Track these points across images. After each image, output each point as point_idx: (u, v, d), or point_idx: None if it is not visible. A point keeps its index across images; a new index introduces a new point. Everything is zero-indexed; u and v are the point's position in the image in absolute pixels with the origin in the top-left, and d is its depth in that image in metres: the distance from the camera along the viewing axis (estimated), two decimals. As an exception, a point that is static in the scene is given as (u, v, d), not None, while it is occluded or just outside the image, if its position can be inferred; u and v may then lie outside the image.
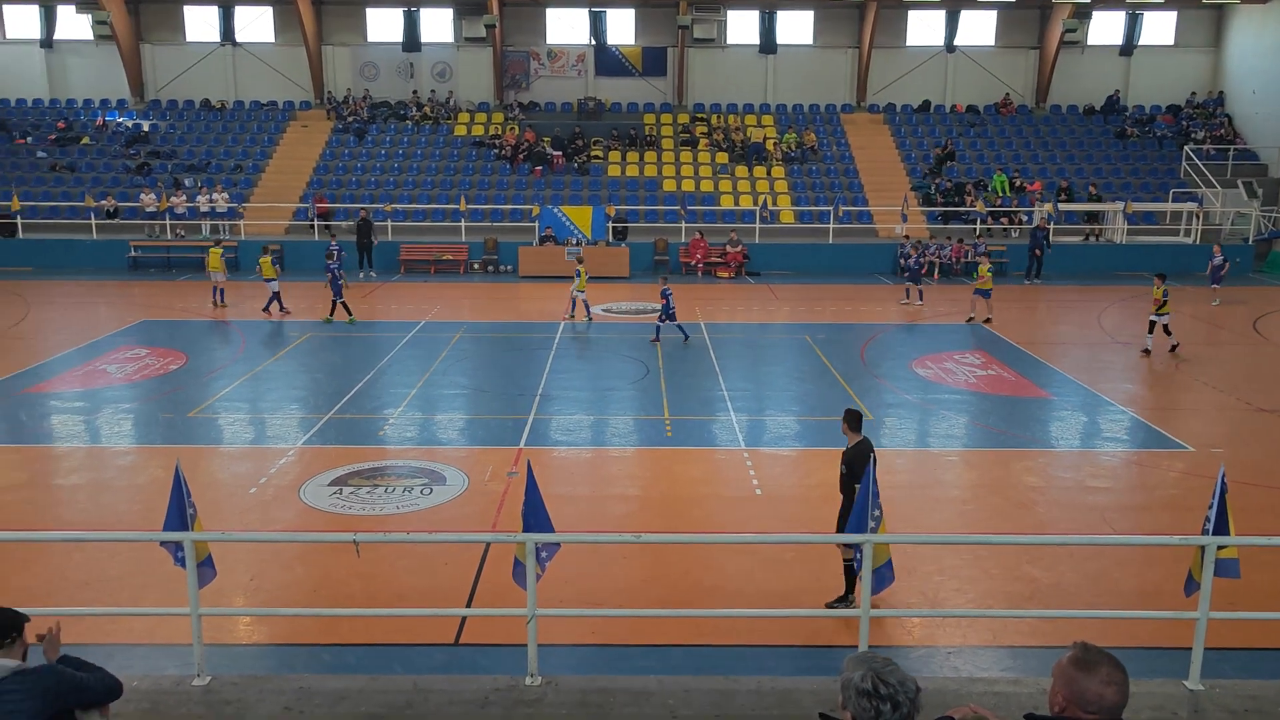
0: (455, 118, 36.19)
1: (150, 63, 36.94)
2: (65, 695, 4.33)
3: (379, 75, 37.04)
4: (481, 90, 37.13)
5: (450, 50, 36.84)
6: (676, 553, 10.34)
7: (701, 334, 21.36)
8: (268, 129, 35.75)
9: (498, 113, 36.53)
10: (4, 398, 16.23)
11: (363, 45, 36.91)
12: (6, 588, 9.18)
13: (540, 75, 37.13)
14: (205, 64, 36.78)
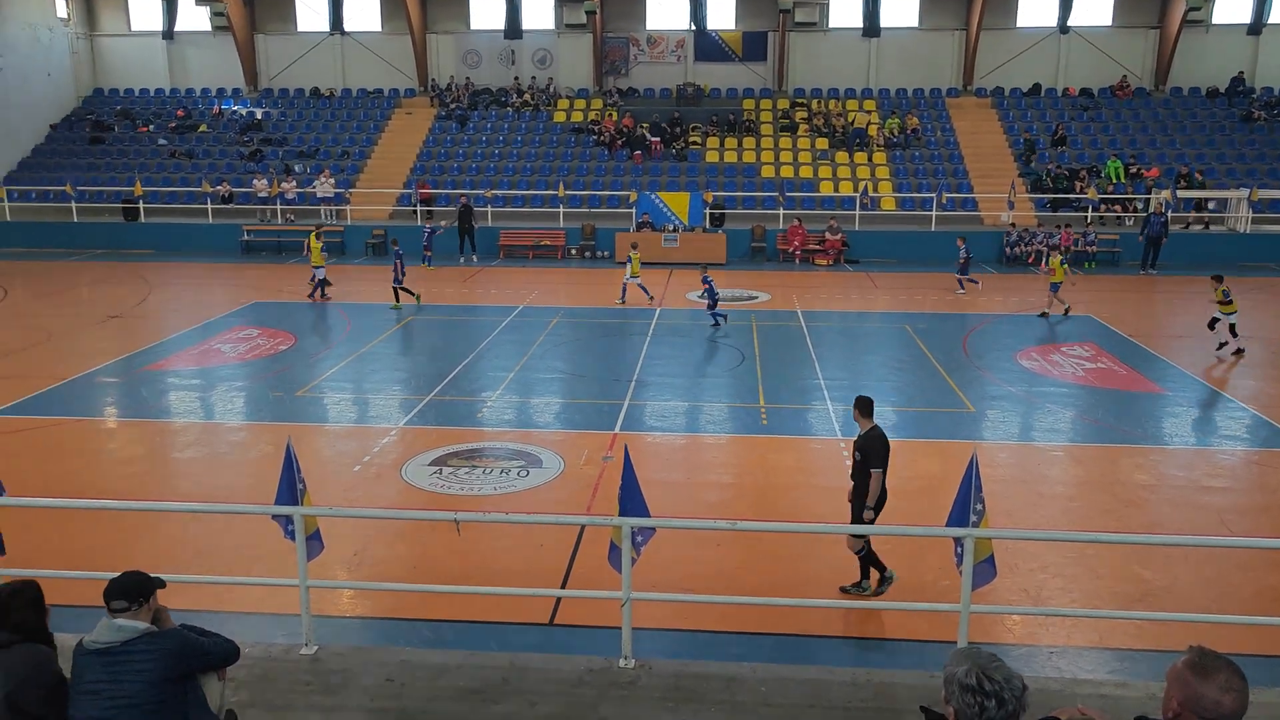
0: (555, 104, 36.49)
1: (263, 52, 38.18)
2: (189, 658, 4.54)
3: (481, 62, 37.57)
4: (581, 76, 37.34)
5: (551, 37, 37.14)
6: (770, 541, 10.28)
7: (798, 322, 21.15)
8: (374, 116, 36.62)
9: (597, 99, 36.69)
10: (126, 374, 17.03)
11: (466, 33, 37.47)
12: (130, 555, 9.65)
13: (639, 61, 37.15)
14: (315, 53, 37.85)
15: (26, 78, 35.19)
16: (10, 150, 34.72)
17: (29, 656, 4.55)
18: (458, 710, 6.24)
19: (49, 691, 4.56)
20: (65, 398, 15.64)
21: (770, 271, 28.11)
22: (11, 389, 15.93)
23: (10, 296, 24.21)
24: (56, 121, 36.82)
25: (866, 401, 9.18)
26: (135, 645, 4.41)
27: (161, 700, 4.39)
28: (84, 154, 35.33)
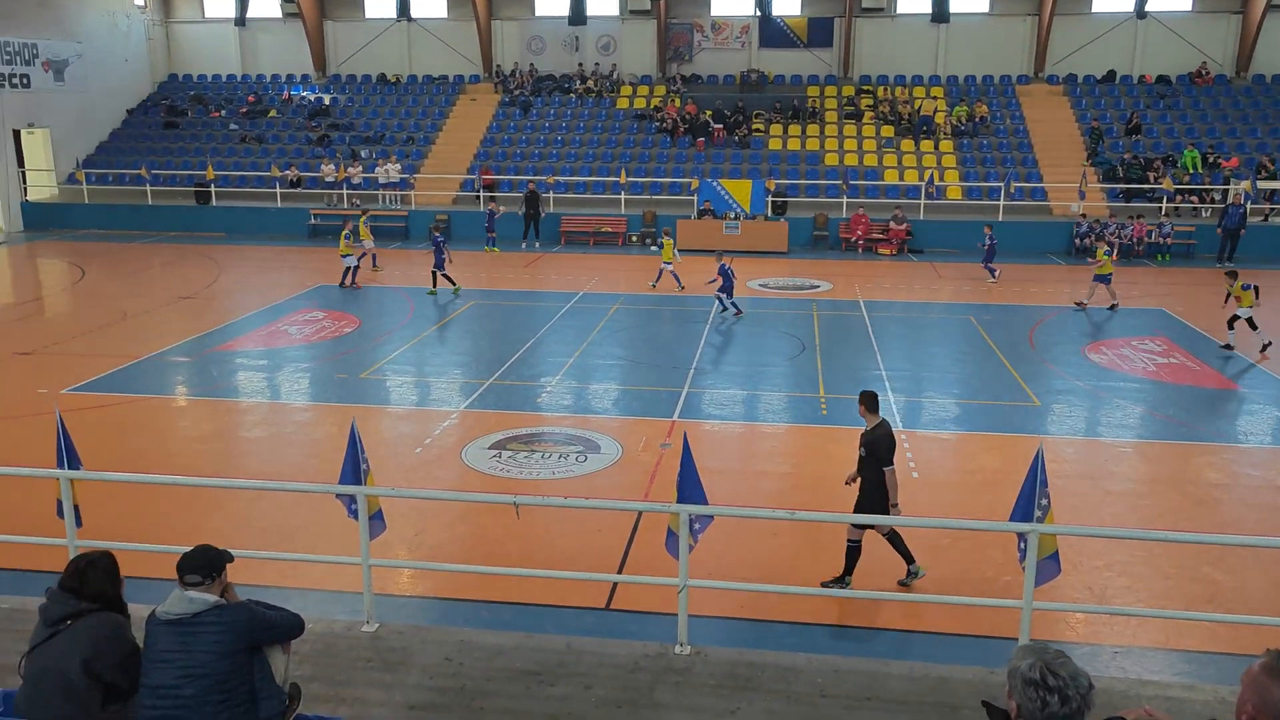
0: (618, 90, 36.47)
1: (332, 39, 38.72)
2: (255, 631, 4.65)
3: (545, 49, 37.67)
4: (644, 63, 37.26)
5: (615, 23, 37.10)
6: (828, 532, 10.19)
7: (860, 312, 20.92)
8: (438, 102, 36.96)
9: (660, 86, 36.59)
10: (196, 354, 17.46)
11: (530, 19, 37.60)
12: (200, 530, 9.92)
13: (703, 47, 36.95)
14: (382, 40, 38.28)
15: (104, 64, 36.14)
16: (89, 134, 35.71)
17: (105, 624, 4.70)
18: (514, 691, 6.31)
19: (124, 658, 4.70)
20: (138, 376, 16.09)
21: (832, 260, 27.83)
22: (88, 366, 16.43)
23: (88, 277, 24.95)
24: (133, 106, 37.78)
25: (872, 396, 9.11)
26: (205, 617, 4.53)
27: (229, 671, 4.51)
28: (158, 138, 36.21)
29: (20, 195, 32.81)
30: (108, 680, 4.62)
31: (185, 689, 4.45)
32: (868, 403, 9.08)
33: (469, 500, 10.66)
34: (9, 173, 32.12)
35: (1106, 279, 21.04)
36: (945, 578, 9.27)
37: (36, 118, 33.18)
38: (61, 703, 4.52)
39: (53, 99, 33.72)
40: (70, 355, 17.25)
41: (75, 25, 34.68)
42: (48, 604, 4.72)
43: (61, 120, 34.17)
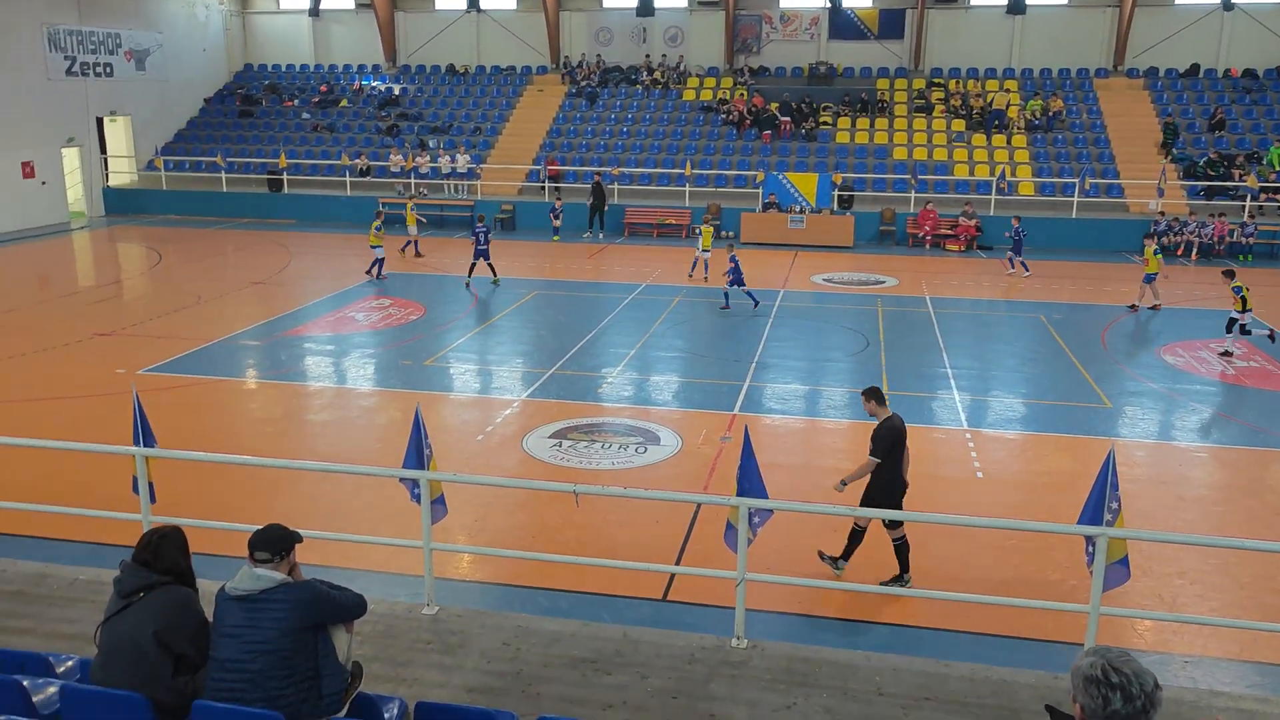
0: (685, 82, 36.37)
1: (403, 30, 39.20)
2: (321, 609, 4.74)
3: (612, 40, 37.70)
4: (712, 55, 37.09)
5: (683, 15, 36.98)
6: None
7: (926, 308, 20.61)
8: (506, 93, 37.21)
9: (727, 77, 36.40)
10: (266, 339, 17.84)
11: (598, 11, 37.64)
12: (267, 510, 10.13)
13: (771, 39, 36.66)
14: (452, 30, 38.66)
15: (183, 54, 37.05)
16: (168, 123, 36.66)
17: (176, 597, 4.83)
18: (571, 678, 6.34)
19: (194, 631, 4.82)
20: (211, 358, 16.49)
21: (899, 256, 27.46)
22: (163, 348, 16.88)
23: (164, 261, 25.63)
24: (210, 95, 38.68)
25: (877, 390, 9.12)
26: (273, 594, 4.62)
27: (295, 647, 4.60)
28: (234, 127, 37.04)
29: (102, 181, 33.82)
30: (178, 651, 4.75)
31: (252, 663, 4.56)
32: (874, 397, 9.09)
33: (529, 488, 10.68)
34: (92, 159, 33.14)
35: (1151, 278, 20.47)
36: (1008, 580, 9.10)
37: (118, 105, 34.16)
38: (134, 671, 4.66)
39: (134, 88, 34.68)
40: (147, 337, 17.75)
41: (157, 16, 35.61)
42: (122, 576, 4.86)
43: (142, 108, 35.13)
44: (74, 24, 31.75)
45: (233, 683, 4.57)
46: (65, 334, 17.81)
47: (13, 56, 29.39)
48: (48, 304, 20.72)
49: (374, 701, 5.08)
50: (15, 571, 7.74)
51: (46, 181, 30.80)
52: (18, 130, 29.56)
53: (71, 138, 32.03)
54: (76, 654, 5.81)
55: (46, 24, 30.64)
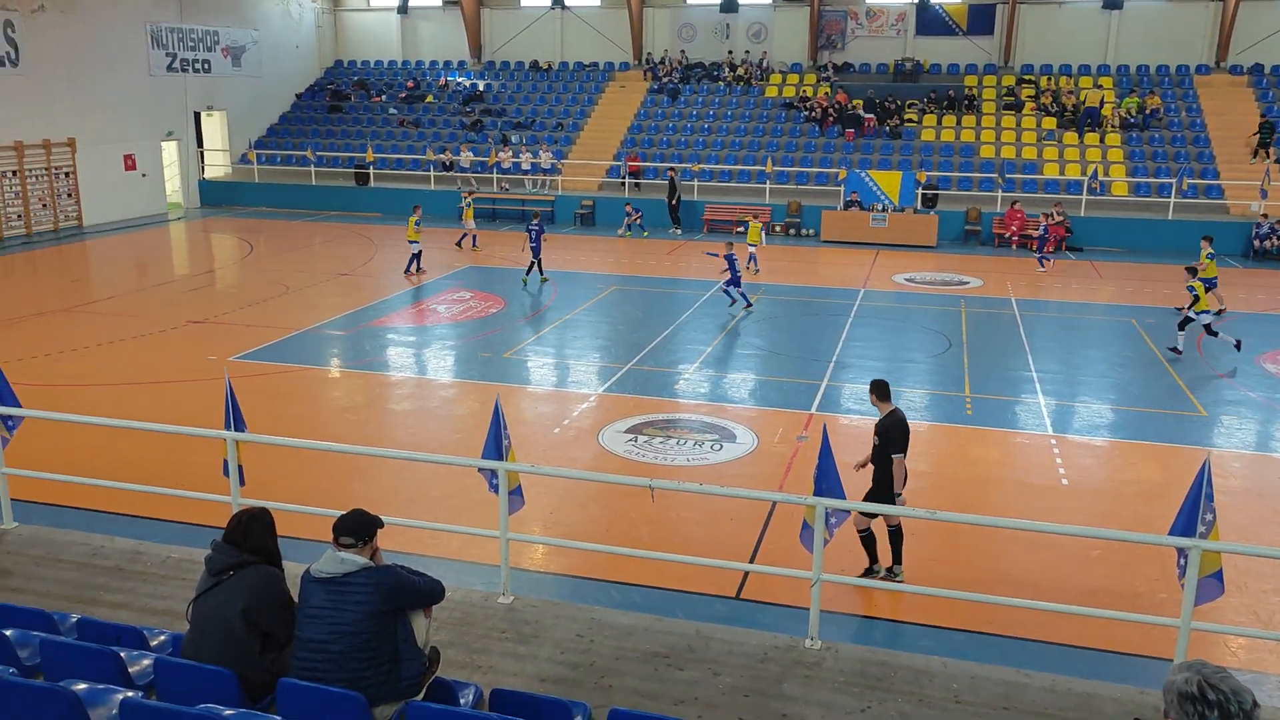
0: (767, 79, 36.12)
1: (488, 26, 39.70)
2: (400, 594, 4.83)
3: (696, 36, 37.63)
4: (795, 51, 36.77)
5: (767, 11, 36.74)
6: (969, 535, 9.90)
7: (1012, 310, 20.15)
8: (588, 89, 37.42)
9: (810, 74, 36.04)
10: (351, 329, 18.24)
11: (682, 7, 37.60)
12: (350, 495, 10.37)
13: (856, 35, 36.19)
14: (536, 27, 39.00)
15: (277, 50, 38.08)
16: (261, 117, 37.73)
17: (264, 577, 4.98)
18: (643, 671, 6.36)
19: (280, 610, 4.96)
20: (297, 347, 16.93)
21: (984, 256, 26.89)
22: (253, 336, 17.39)
23: (255, 251, 26.38)
24: (301, 91, 39.67)
25: (882, 384, 9.11)
26: (355, 577, 4.73)
27: (375, 630, 4.70)
28: (323, 121, 37.93)
29: (198, 174, 34.96)
30: (265, 629, 4.89)
31: (334, 645, 4.67)
32: (879, 391, 9.08)
33: (605, 481, 10.77)
34: (190, 152, 34.29)
35: (1210, 283, 19.66)
36: (1093, 590, 8.85)
37: (215, 100, 35.25)
38: (223, 648, 4.81)
39: (230, 83, 35.76)
40: (237, 325, 18.29)
41: (253, 14, 36.66)
42: (213, 555, 5.02)
43: (237, 103, 36.21)
44: (175, 22, 32.88)
45: (316, 662, 4.69)
46: (161, 321, 18.45)
47: (118, 53, 30.56)
48: (145, 292, 21.49)
49: (451, 687, 5.16)
50: (112, 548, 8.05)
51: (147, 174, 31.98)
52: (121, 124, 30.74)
53: (170, 131, 33.18)
54: (168, 629, 6.03)
55: (150, 22, 31.79)
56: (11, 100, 27.20)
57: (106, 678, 4.83)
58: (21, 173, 27.63)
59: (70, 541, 8.20)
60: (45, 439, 11.25)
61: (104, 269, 24.64)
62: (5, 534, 8.32)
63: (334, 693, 4.52)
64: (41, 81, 28.02)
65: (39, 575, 7.61)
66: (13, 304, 20.17)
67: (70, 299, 20.45)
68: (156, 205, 32.38)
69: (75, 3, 28.94)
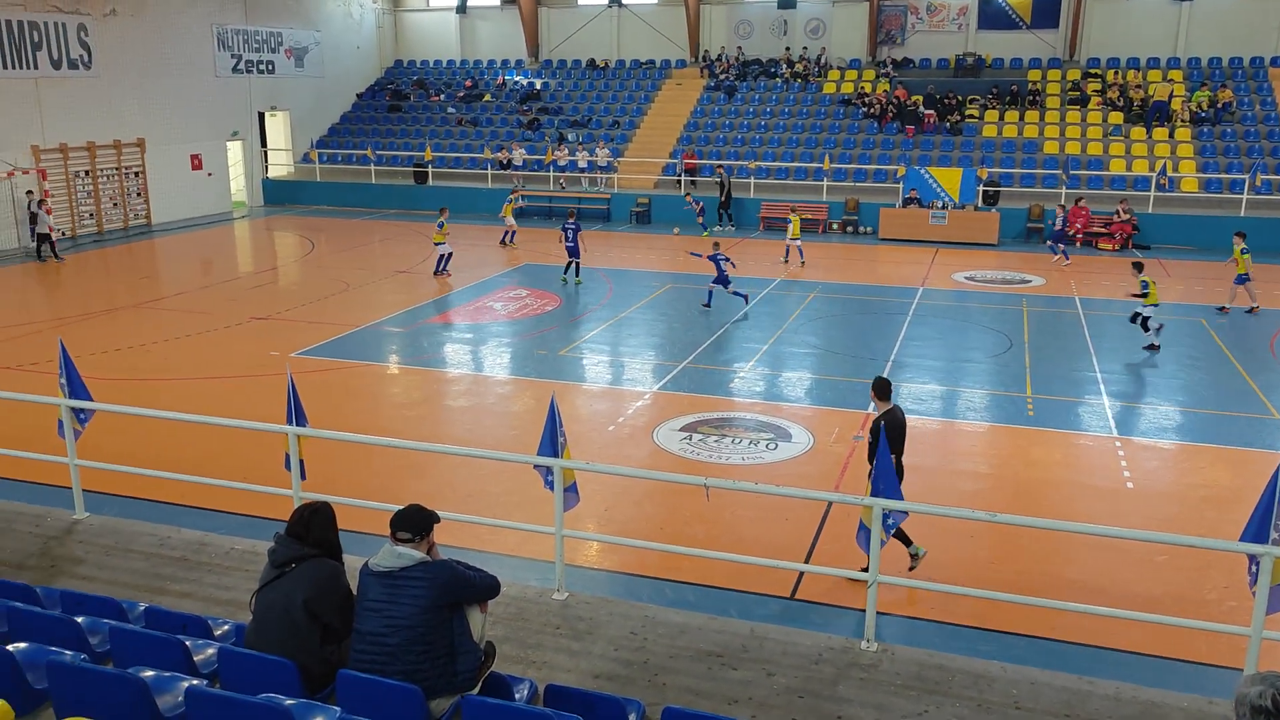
0: (825, 75, 35.81)
1: (545, 25, 39.90)
2: (457, 588, 4.88)
3: (753, 33, 37.45)
4: (854, 47, 36.41)
5: (825, 6, 36.42)
6: (1030, 538, 9.72)
7: (1075, 309, 19.75)
8: (644, 87, 37.43)
9: (869, 70, 35.65)
10: (409, 326, 18.47)
11: (739, 4, 37.44)
12: (407, 490, 10.50)
13: (917, 30, 35.71)
14: (593, 25, 39.11)
15: (339, 51, 38.68)
16: (323, 117, 38.35)
17: (325, 569, 5.06)
18: (696, 670, 6.34)
19: (340, 602, 5.05)
20: (357, 343, 17.19)
21: (1046, 254, 26.37)
22: (314, 333, 17.69)
23: (317, 249, 26.83)
24: (361, 91, 40.24)
25: (883, 383, 9.10)
26: (412, 572, 4.79)
27: (431, 624, 4.75)
28: (383, 120, 38.44)
29: (262, 173, 35.66)
30: (325, 621, 4.97)
31: (391, 638, 4.73)
32: (879, 390, 9.09)
33: (661, 479, 10.77)
34: (254, 152, 34.99)
35: (1243, 279, 19.12)
36: (1159, 597, 8.65)
37: (278, 101, 35.91)
38: (285, 638, 4.90)
39: (293, 84, 36.40)
40: (299, 321, 18.62)
41: (316, 15, 37.27)
42: (276, 548, 5.11)
43: (299, 103, 36.85)
44: (240, 24, 33.56)
45: (374, 655, 4.75)
46: (226, 317, 18.86)
47: (185, 55, 31.29)
48: (211, 288, 21.98)
49: (506, 681, 5.20)
50: (179, 539, 8.25)
51: (212, 173, 32.69)
52: (188, 124, 31.47)
53: (235, 131, 33.88)
54: (232, 619, 6.16)
55: (216, 24, 32.48)
56: (84, 102, 27.98)
57: (173, 665, 4.95)
58: (94, 172, 28.42)
59: (139, 532, 8.41)
60: (115, 432, 11.57)
61: (171, 266, 25.25)
62: (77, 524, 8.57)
63: (392, 685, 4.57)
64: (112, 83, 28.79)
65: (109, 564, 7.83)
66: (85, 300, 20.77)
67: (139, 295, 20.99)
68: (222, 204, 33.10)
69: (145, 6, 29.69)
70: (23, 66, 26.17)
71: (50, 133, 27.02)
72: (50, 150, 26.98)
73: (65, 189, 27.47)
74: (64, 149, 27.36)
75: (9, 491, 9.95)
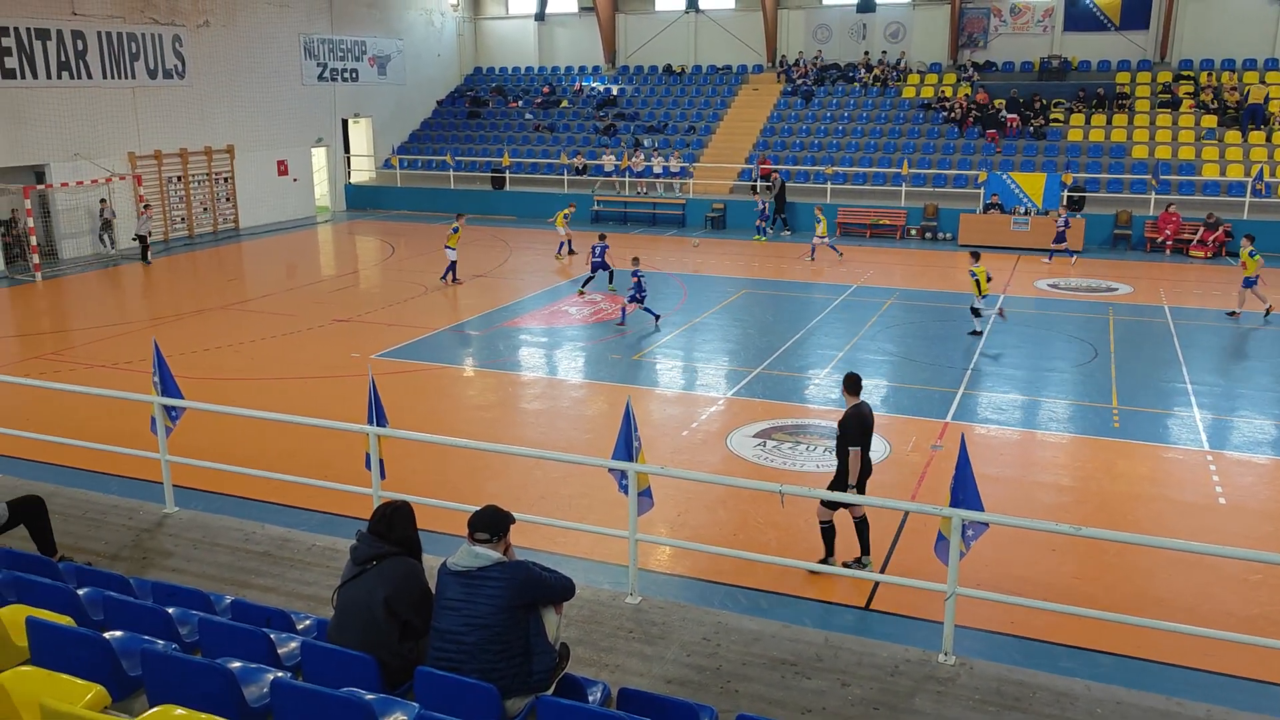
0: (904, 79, 35.33)
1: (623, 32, 40.10)
2: (533, 589, 4.93)
3: (831, 37, 37.13)
4: (935, 50, 35.85)
5: (905, 10, 35.94)
6: (1116, 553, 9.45)
7: (1165, 318, 19.14)
8: (720, 92, 37.36)
9: (950, 74, 35.07)
10: (485, 329, 18.70)
11: (817, 8, 37.15)
12: (482, 492, 10.64)
13: (1000, 33, 35.01)
14: (670, 31, 39.19)
15: (420, 59, 39.40)
16: (404, 123, 39.09)
17: (405, 567, 5.15)
18: (770, 679, 6.29)
19: (419, 600, 5.13)
20: (434, 346, 17.46)
21: (1134, 261, 25.63)
22: (394, 335, 18.02)
23: (397, 253, 27.34)
24: (441, 98, 40.92)
25: (853, 378, 9.25)
26: (489, 572, 4.85)
27: (507, 624, 4.80)
28: (462, 127, 39.03)
29: (344, 178, 36.49)
30: (404, 618, 5.06)
31: (468, 636, 4.79)
32: (848, 385, 9.24)
33: (735, 485, 10.72)
34: (337, 158, 35.83)
35: (1250, 282, 18.28)
36: (1253, 618, 8.32)
37: (361, 108, 36.72)
38: (365, 634, 5.00)
39: (375, 91, 37.18)
40: (379, 324, 19.00)
41: (398, 24, 38.03)
42: (357, 545, 5.22)
43: (381, 110, 37.62)
44: (326, 33, 34.40)
45: (451, 653, 4.82)
46: (309, 319, 19.33)
47: (274, 64, 32.19)
48: (295, 291, 22.55)
49: (579, 683, 5.22)
50: (264, 534, 8.47)
51: (297, 179, 33.57)
52: (275, 131, 32.37)
53: (320, 138, 34.73)
54: (314, 614, 6.30)
55: (303, 33, 33.35)
56: (178, 110, 28.97)
57: (258, 657, 5.08)
58: (185, 178, 29.40)
59: (225, 526, 8.66)
60: (204, 429, 11.93)
61: (257, 269, 25.97)
62: (167, 518, 8.86)
63: (468, 683, 4.63)
64: (204, 92, 29.75)
65: (197, 557, 8.07)
66: (177, 301, 21.49)
67: (227, 297, 21.63)
68: (306, 209, 33.96)
69: (236, 17, 30.63)
70: (121, 76, 27.20)
71: (146, 140, 28.04)
72: (145, 157, 27.99)
73: (159, 194, 28.46)
74: (158, 155, 28.37)
75: (105, 485, 10.33)
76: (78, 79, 26.03)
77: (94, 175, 26.11)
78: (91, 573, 6.68)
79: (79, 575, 6.57)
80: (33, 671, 4.59)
